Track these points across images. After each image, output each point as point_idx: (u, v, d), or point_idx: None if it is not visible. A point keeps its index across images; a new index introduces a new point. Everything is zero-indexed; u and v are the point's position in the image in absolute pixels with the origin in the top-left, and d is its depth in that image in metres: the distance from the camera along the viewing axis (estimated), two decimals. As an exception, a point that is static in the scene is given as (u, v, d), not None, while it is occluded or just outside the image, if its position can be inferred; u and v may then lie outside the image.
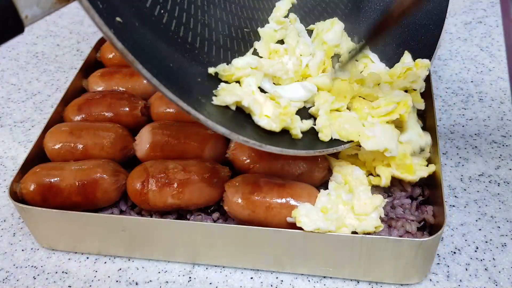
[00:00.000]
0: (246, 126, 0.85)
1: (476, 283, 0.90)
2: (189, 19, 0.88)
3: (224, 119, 0.81)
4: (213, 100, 0.84)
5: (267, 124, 0.86)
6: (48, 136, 1.04)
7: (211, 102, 0.83)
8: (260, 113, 0.86)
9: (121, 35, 0.66)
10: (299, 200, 0.88)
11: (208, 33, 0.91)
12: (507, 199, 1.03)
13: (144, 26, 0.77)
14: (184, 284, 0.94)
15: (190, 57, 0.85)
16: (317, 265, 0.90)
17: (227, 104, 0.84)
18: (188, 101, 0.73)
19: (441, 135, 1.17)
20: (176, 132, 1.01)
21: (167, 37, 0.82)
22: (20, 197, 0.96)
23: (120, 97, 1.11)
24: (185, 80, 0.80)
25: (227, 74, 0.90)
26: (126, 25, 0.70)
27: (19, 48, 1.58)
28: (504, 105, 1.23)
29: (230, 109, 0.85)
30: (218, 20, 0.95)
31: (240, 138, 0.78)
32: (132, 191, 0.95)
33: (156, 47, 0.77)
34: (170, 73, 0.76)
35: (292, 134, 0.89)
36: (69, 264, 0.98)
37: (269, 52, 1.00)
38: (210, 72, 0.88)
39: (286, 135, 0.89)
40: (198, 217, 0.96)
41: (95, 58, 1.29)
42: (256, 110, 0.86)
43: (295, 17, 1.06)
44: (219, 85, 0.87)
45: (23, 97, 1.40)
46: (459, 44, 1.44)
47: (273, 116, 0.86)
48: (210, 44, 0.91)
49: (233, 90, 0.86)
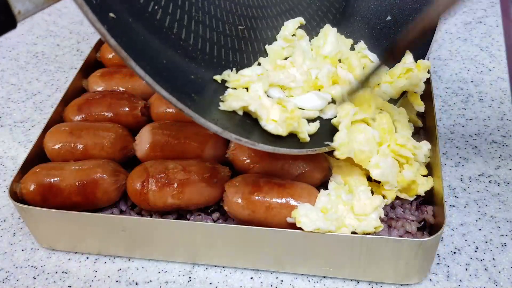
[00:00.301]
0: (254, 131, 0.85)
1: (476, 283, 0.90)
2: (183, 16, 0.88)
3: (231, 124, 0.82)
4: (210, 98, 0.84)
5: (274, 129, 0.86)
6: (48, 136, 1.04)
7: (218, 108, 0.84)
8: (267, 118, 0.87)
9: (115, 31, 0.66)
10: (299, 200, 0.88)
11: (202, 30, 0.91)
12: (507, 199, 1.03)
13: (138, 22, 0.77)
14: (184, 284, 0.94)
15: (183, 54, 0.85)
16: (317, 265, 0.90)
17: (234, 109, 0.85)
18: (180, 98, 0.73)
19: (441, 135, 1.17)
20: (176, 132, 1.01)
21: (160, 34, 0.82)
22: (20, 197, 0.96)
23: (120, 97, 1.11)
24: (178, 77, 0.80)
25: (233, 80, 0.91)
26: (119, 21, 0.70)
27: (19, 48, 1.58)
28: (504, 105, 1.23)
29: (237, 114, 0.86)
30: (212, 17, 0.94)
31: (232, 137, 0.79)
32: (132, 191, 0.95)
33: (150, 43, 0.77)
34: (163, 69, 0.76)
35: (300, 138, 0.89)
36: (69, 264, 0.98)
37: (275, 67, 1.00)
38: (216, 79, 0.89)
39: (295, 139, 0.89)
40: (198, 217, 0.96)
41: (95, 58, 1.29)
42: (263, 115, 0.87)
43: (303, 34, 1.07)
44: (226, 91, 0.88)
45: (23, 97, 1.40)
46: (459, 44, 1.44)
47: (279, 121, 0.87)
48: (204, 42, 0.90)
49: (240, 95, 0.87)
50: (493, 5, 1.58)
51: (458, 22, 1.53)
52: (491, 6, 1.58)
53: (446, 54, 1.41)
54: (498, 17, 1.53)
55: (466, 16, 1.55)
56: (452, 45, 1.44)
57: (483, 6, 1.58)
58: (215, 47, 0.92)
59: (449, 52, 1.42)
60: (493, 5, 1.58)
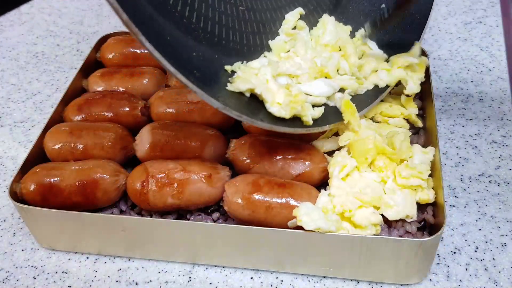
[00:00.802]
0: (259, 112, 0.89)
1: (476, 283, 0.90)
2: None
3: (239, 104, 0.86)
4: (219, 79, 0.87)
5: (277, 111, 0.89)
6: (48, 136, 1.04)
7: (226, 88, 0.88)
8: (272, 101, 0.90)
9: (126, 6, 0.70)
10: (299, 200, 0.88)
11: (204, 9, 0.93)
12: (507, 199, 1.03)
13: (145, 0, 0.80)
14: (184, 284, 0.94)
15: (186, 32, 0.88)
16: (317, 265, 0.90)
17: (241, 90, 0.89)
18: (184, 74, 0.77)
19: (441, 135, 1.17)
20: (176, 132, 1.01)
21: (165, 11, 0.84)
22: (20, 197, 0.96)
23: (120, 97, 1.11)
24: (182, 54, 0.82)
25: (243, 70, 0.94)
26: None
27: (19, 48, 1.58)
28: (504, 105, 1.23)
29: (244, 96, 0.90)
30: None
31: (233, 113, 0.82)
32: (132, 191, 0.95)
33: (155, 20, 0.80)
34: (168, 45, 0.78)
35: (304, 121, 0.92)
36: (69, 264, 0.98)
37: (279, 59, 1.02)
38: (227, 69, 0.92)
39: (298, 122, 0.92)
40: (198, 217, 0.96)
41: (95, 58, 1.29)
42: (268, 98, 0.90)
43: (303, 25, 1.08)
44: (235, 74, 0.92)
45: (23, 97, 1.40)
46: (459, 44, 1.44)
47: (283, 104, 0.89)
48: (206, 20, 0.93)
49: (248, 78, 0.90)
50: (493, 5, 1.58)
51: (458, 22, 1.53)
52: (491, 6, 1.58)
53: (446, 54, 1.41)
54: (498, 17, 1.53)
55: (466, 16, 1.55)
56: (452, 45, 1.44)
57: (483, 6, 1.58)
58: (217, 26, 0.95)
59: (449, 52, 1.42)
60: (493, 5, 1.58)
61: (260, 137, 1.00)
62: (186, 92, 1.09)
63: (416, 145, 0.95)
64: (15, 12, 1.74)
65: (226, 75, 0.92)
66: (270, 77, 0.93)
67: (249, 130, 1.05)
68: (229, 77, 0.91)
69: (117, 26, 1.64)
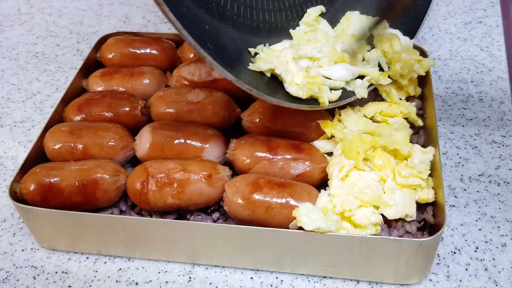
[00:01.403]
0: (278, 91, 0.94)
1: (476, 283, 0.90)
2: None
3: (259, 83, 0.91)
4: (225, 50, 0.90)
5: (295, 91, 0.94)
6: (48, 136, 1.04)
7: (248, 67, 0.93)
8: (291, 81, 0.94)
9: None
10: (299, 200, 0.88)
11: None
12: (507, 199, 1.03)
13: None
14: (184, 284, 0.94)
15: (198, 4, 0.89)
16: (317, 265, 0.90)
17: (262, 70, 0.95)
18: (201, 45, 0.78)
19: (441, 135, 1.17)
20: (176, 132, 1.01)
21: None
22: (20, 197, 0.96)
23: (120, 97, 1.11)
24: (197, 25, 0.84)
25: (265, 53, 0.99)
26: None
27: (19, 48, 1.58)
28: (504, 105, 1.23)
29: (265, 76, 0.95)
30: None
31: (245, 86, 0.85)
32: (132, 191, 0.95)
33: None
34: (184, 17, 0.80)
35: (320, 103, 0.96)
36: (69, 264, 0.98)
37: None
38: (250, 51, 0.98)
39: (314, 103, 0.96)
40: (198, 217, 0.96)
41: (95, 58, 1.29)
42: (287, 78, 0.95)
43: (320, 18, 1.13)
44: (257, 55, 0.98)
45: (23, 97, 1.40)
46: (459, 44, 1.44)
47: (301, 85, 0.94)
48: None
49: (269, 59, 0.96)
50: (493, 5, 1.58)
51: (458, 22, 1.53)
52: (491, 6, 1.58)
53: (446, 54, 1.41)
54: (498, 17, 1.53)
55: (466, 16, 1.55)
56: (452, 45, 1.44)
57: (483, 6, 1.58)
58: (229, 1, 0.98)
59: (449, 52, 1.42)
60: (493, 5, 1.58)
61: (260, 137, 1.00)
62: (186, 92, 1.09)
63: (416, 145, 0.95)
64: (15, 12, 1.74)
65: (249, 57, 0.97)
66: (290, 59, 0.97)
67: (249, 130, 1.05)
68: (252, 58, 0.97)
69: (117, 26, 1.64)
